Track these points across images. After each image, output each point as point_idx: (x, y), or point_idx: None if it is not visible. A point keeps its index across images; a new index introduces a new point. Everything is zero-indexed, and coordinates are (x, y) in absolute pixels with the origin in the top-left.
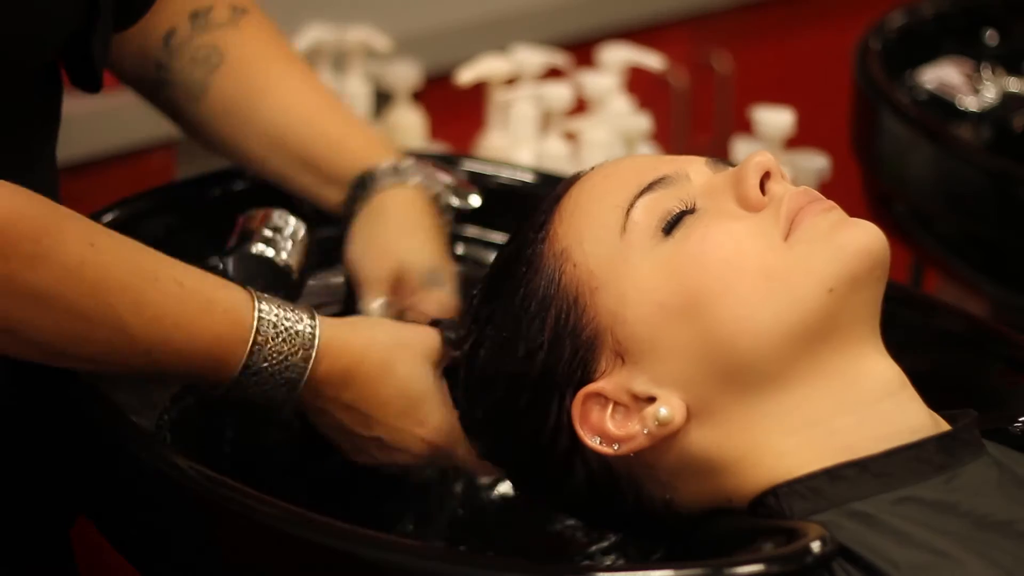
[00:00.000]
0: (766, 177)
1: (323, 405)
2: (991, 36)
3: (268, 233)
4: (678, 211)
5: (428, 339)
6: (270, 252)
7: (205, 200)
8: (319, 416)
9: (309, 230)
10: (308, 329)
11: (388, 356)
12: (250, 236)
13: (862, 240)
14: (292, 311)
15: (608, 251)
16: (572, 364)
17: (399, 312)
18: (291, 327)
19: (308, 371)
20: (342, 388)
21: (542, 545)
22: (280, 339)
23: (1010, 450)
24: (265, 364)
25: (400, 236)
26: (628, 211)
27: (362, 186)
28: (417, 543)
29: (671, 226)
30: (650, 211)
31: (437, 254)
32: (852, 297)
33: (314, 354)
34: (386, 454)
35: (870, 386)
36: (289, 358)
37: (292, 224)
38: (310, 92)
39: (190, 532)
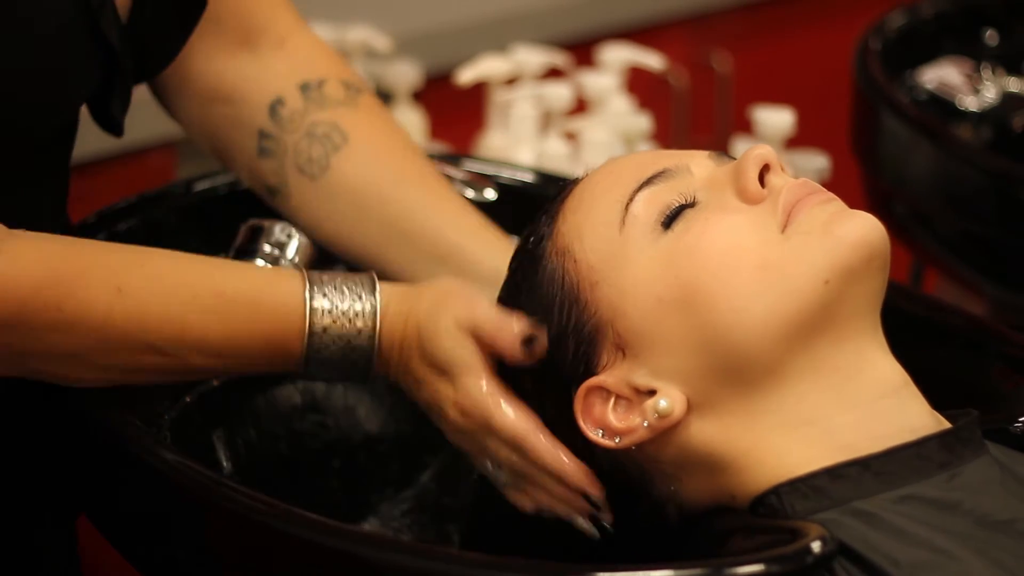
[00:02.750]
0: (765, 170)
1: (393, 374)
2: (991, 36)
3: (268, 248)
4: (677, 205)
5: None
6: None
7: (205, 201)
8: (399, 381)
9: (312, 243)
10: (368, 307)
11: (435, 319)
12: (251, 251)
13: (859, 231)
14: (350, 290)
15: (608, 246)
16: (575, 359)
17: None
18: (349, 308)
19: (375, 348)
20: (402, 353)
21: (541, 547)
22: (339, 323)
23: (1011, 450)
24: (329, 347)
25: None
26: (627, 205)
27: None
28: (417, 543)
29: (670, 220)
30: (650, 205)
31: None
32: (849, 289)
33: (377, 332)
34: (435, 414)
35: (870, 383)
36: (352, 340)
37: (295, 239)
38: (444, 187)
39: (190, 532)
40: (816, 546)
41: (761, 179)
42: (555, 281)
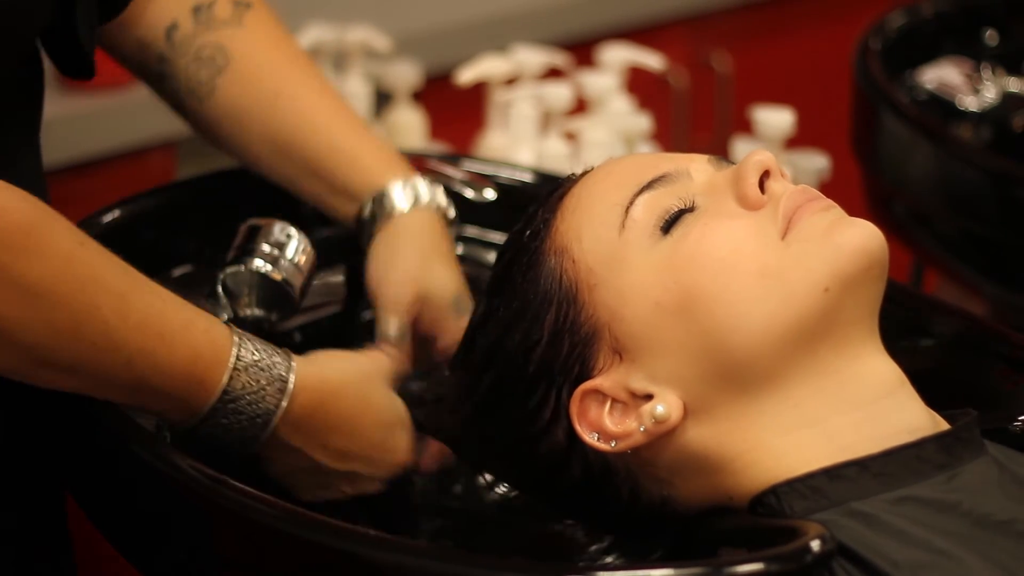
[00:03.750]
0: (766, 176)
1: (299, 444)
2: (991, 36)
3: (267, 248)
4: (677, 209)
5: (384, 362)
6: (268, 268)
7: (205, 200)
8: (289, 456)
9: (311, 243)
10: (283, 362)
11: (363, 389)
12: (251, 251)
13: (858, 239)
14: (267, 343)
15: (607, 248)
16: (570, 359)
17: (415, 338)
18: (269, 357)
19: (285, 402)
20: (321, 422)
21: (541, 545)
22: (258, 367)
23: (1010, 450)
24: (243, 391)
25: (423, 262)
26: (627, 209)
27: (379, 205)
28: (417, 543)
29: (669, 224)
30: (649, 209)
31: (459, 281)
32: (848, 297)
33: (291, 385)
34: (357, 486)
35: (868, 386)
36: (267, 387)
37: (295, 239)
38: (321, 99)
39: (190, 531)
40: (815, 545)
41: (761, 185)
42: (553, 279)
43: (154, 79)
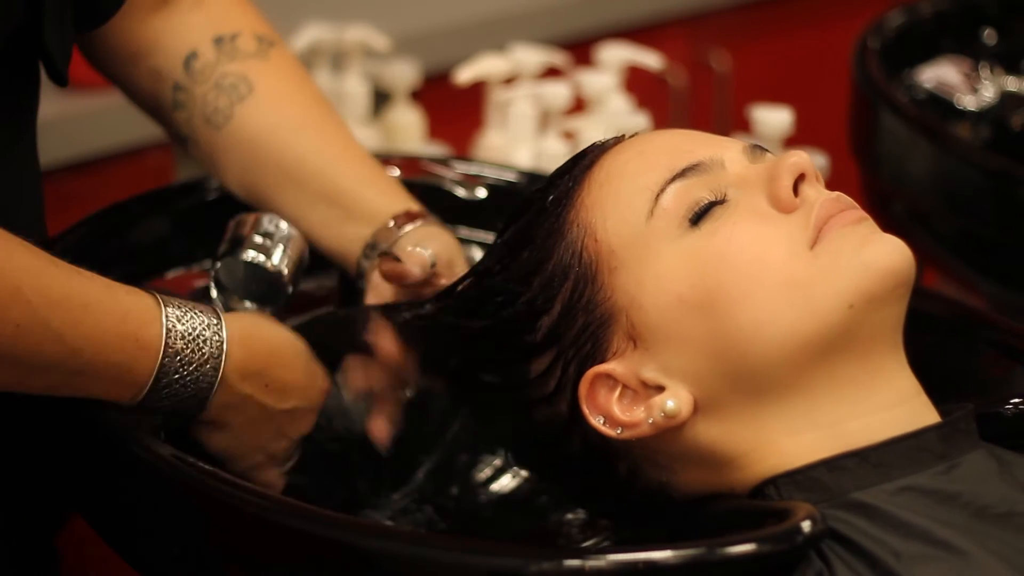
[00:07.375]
0: (801, 179)
1: (249, 389)
2: (990, 35)
3: (258, 239)
4: (707, 202)
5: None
6: (261, 258)
7: (197, 203)
8: (239, 410)
9: (301, 236)
10: (207, 309)
11: (272, 326)
12: (240, 242)
13: (887, 258)
14: (183, 298)
15: (632, 232)
16: (583, 336)
17: None
18: (192, 308)
19: (226, 345)
20: (259, 360)
21: (538, 543)
22: (189, 316)
23: (1005, 450)
24: (184, 342)
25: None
26: (657, 196)
27: (403, 225)
28: (417, 531)
29: (699, 217)
30: (680, 199)
31: None
32: (872, 314)
33: (225, 328)
34: (298, 426)
35: (885, 395)
36: (204, 332)
37: (283, 229)
38: (347, 136)
39: (185, 526)
40: (806, 525)
41: (796, 187)
42: (573, 254)
43: (167, 109)
